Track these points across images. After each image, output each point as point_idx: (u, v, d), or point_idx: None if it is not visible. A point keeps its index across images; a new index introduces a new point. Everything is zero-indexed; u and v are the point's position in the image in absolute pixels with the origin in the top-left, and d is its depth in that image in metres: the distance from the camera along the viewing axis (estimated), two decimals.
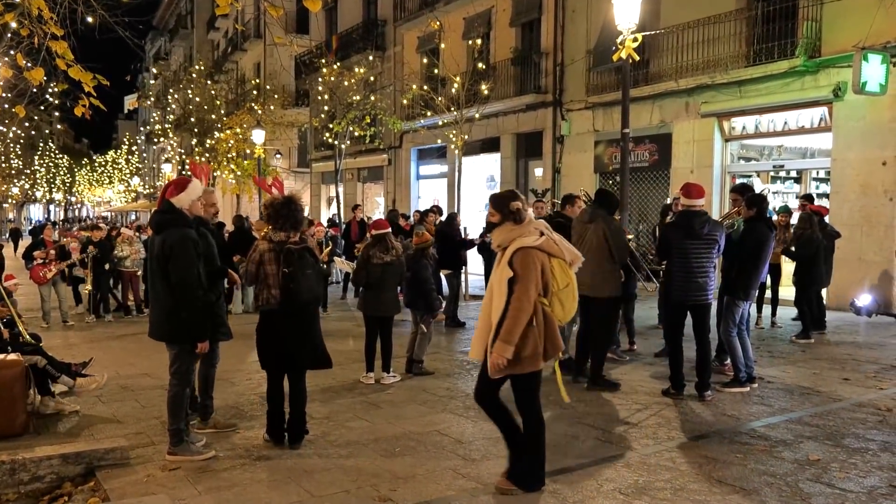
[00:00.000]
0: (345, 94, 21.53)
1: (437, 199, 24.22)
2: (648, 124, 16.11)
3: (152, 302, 5.27)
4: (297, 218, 5.49)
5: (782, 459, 5.13)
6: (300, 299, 5.44)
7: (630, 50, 10.51)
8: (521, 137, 20.29)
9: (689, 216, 6.72)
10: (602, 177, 17.85)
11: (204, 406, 5.95)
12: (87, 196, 74.71)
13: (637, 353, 8.95)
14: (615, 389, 7.07)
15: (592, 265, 7.07)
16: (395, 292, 7.68)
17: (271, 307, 5.48)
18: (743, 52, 14.07)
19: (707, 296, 6.77)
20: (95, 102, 6.15)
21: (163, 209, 5.23)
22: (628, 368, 8.14)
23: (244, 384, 7.53)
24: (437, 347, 9.45)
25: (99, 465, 4.97)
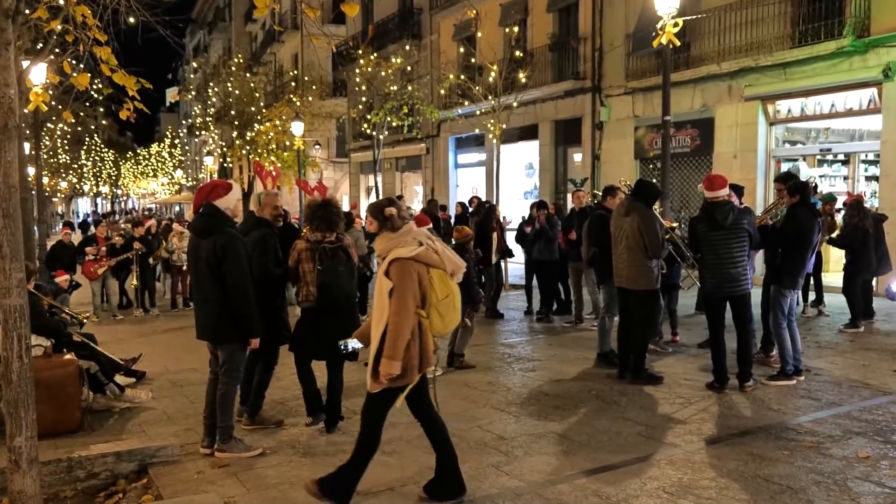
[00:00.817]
0: (382, 84, 21.58)
1: (476, 189, 24.22)
2: (690, 109, 15.83)
3: (200, 303, 5.37)
4: (332, 220, 5.75)
5: (830, 457, 5.05)
6: (334, 295, 5.76)
7: (671, 35, 10.35)
8: (559, 124, 20.12)
9: (711, 207, 6.65)
10: (642, 163, 17.62)
11: (254, 405, 6.09)
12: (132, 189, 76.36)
13: (680, 345, 8.88)
14: (658, 383, 7.02)
15: (628, 258, 7.08)
16: None
17: (310, 303, 5.79)
18: (788, 33, 13.72)
19: (742, 286, 6.67)
20: (139, 106, 6.29)
21: (207, 212, 5.32)
22: (672, 361, 8.08)
23: (289, 379, 7.62)
24: (477, 340, 9.43)
25: (151, 463, 5.13)
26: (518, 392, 6.98)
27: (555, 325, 10.67)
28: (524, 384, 7.29)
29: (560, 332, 10.08)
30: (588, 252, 8.24)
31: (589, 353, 8.40)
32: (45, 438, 5.23)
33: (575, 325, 10.46)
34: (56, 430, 5.85)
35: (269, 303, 5.84)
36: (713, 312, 6.85)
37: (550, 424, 5.91)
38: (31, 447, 4.40)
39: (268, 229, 6.09)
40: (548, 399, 6.68)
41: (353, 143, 30.85)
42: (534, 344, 9.39)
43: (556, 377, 7.53)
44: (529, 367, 8.02)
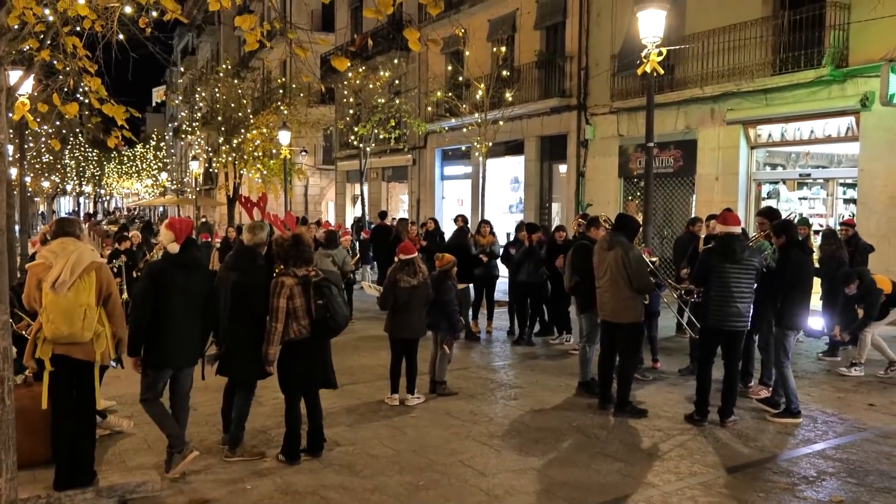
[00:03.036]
0: (370, 96, 21.58)
1: (462, 201, 24.28)
2: (673, 130, 15.99)
3: (188, 330, 5.60)
4: (307, 256, 5.88)
5: (804, 500, 5.12)
6: (337, 326, 5.91)
7: (654, 64, 10.44)
8: (545, 140, 20.26)
9: (729, 240, 6.70)
10: (626, 181, 17.77)
11: (235, 437, 6.07)
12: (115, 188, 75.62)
13: (661, 372, 8.95)
14: (641, 417, 7.06)
15: (613, 291, 7.13)
16: (422, 314, 7.74)
17: (301, 337, 5.81)
18: (769, 60, 13.90)
19: (744, 322, 6.75)
20: (128, 135, 6.27)
21: (193, 248, 5.61)
22: (652, 390, 8.15)
23: (272, 404, 7.62)
24: (462, 363, 9.52)
25: (131, 498, 5.10)
26: (500, 423, 7.00)
27: (536, 348, 10.70)
28: (506, 414, 7.32)
29: (542, 357, 10.12)
30: (570, 281, 8.28)
31: (570, 380, 8.45)
32: (24, 469, 5.18)
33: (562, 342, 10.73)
34: (35, 460, 5.77)
35: (259, 336, 5.86)
36: (708, 345, 6.90)
37: (531, 460, 5.94)
38: (11, 489, 4.38)
39: (265, 263, 6.13)
40: (529, 432, 6.71)
41: (339, 152, 30.81)
42: (516, 369, 9.41)
43: (537, 406, 7.57)
44: (511, 395, 8.05)
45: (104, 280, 5.15)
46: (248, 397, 6.12)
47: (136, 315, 5.47)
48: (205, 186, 45.80)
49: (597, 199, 18.06)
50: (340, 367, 9.14)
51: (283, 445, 6.00)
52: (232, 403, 6.18)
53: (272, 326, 5.74)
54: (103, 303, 5.16)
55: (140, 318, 5.43)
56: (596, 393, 7.62)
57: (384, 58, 23.61)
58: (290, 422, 5.97)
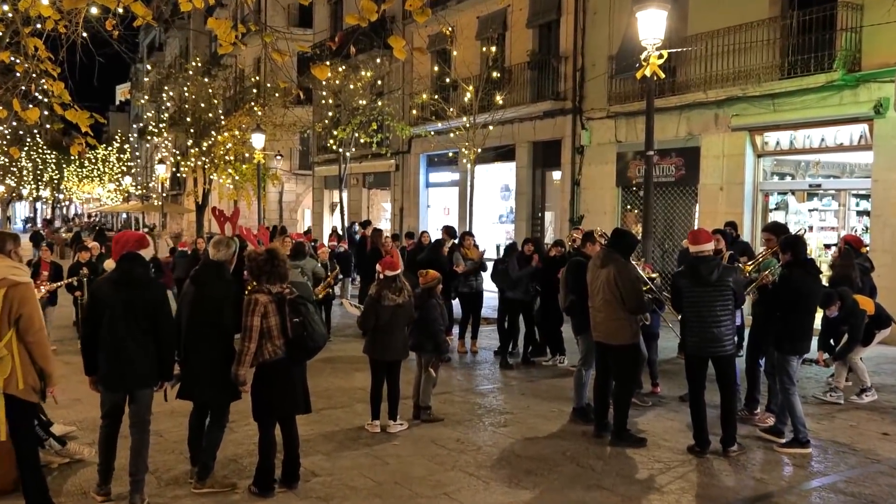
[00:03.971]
0: (350, 97, 21.63)
1: (448, 210, 24.33)
2: (675, 136, 16.13)
3: (125, 353, 5.64)
4: (282, 272, 5.90)
5: None
6: (315, 346, 5.97)
7: (655, 67, 10.55)
8: (538, 146, 20.36)
9: (696, 262, 6.80)
10: (625, 191, 17.88)
11: (205, 466, 6.04)
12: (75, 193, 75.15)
13: (661, 397, 9.00)
14: (641, 446, 7.09)
15: (605, 311, 7.18)
16: (405, 335, 7.75)
17: (276, 358, 5.82)
18: (777, 64, 14.07)
19: (726, 346, 6.81)
20: (92, 142, 6.28)
21: (137, 263, 5.77)
22: (651, 417, 8.19)
23: (243, 431, 7.59)
24: (447, 386, 9.52)
25: None
26: (488, 452, 7.02)
27: (527, 371, 10.74)
28: (495, 442, 7.33)
29: (534, 380, 10.15)
30: (565, 300, 8.33)
31: (564, 405, 8.48)
32: None
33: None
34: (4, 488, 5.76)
35: (225, 356, 5.87)
36: (694, 373, 6.97)
37: (522, 493, 5.96)
38: None
39: (233, 278, 6.16)
40: (520, 461, 6.73)
41: (317, 156, 30.83)
42: (506, 393, 9.43)
43: (529, 434, 7.59)
44: (501, 422, 8.06)
45: (14, 299, 5.06)
46: (220, 423, 6.09)
47: (82, 333, 5.90)
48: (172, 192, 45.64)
49: (593, 210, 18.17)
50: (316, 390, 9.17)
51: (256, 476, 5.98)
52: (198, 433, 6.17)
53: (244, 346, 5.74)
54: (15, 325, 5.08)
55: (83, 337, 5.82)
56: (592, 420, 7.64)
57: (366, 56, 23.68)
58: (263, 450, 5.97)
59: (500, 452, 7.01)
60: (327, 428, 7.74)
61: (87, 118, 5.93)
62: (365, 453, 6.96)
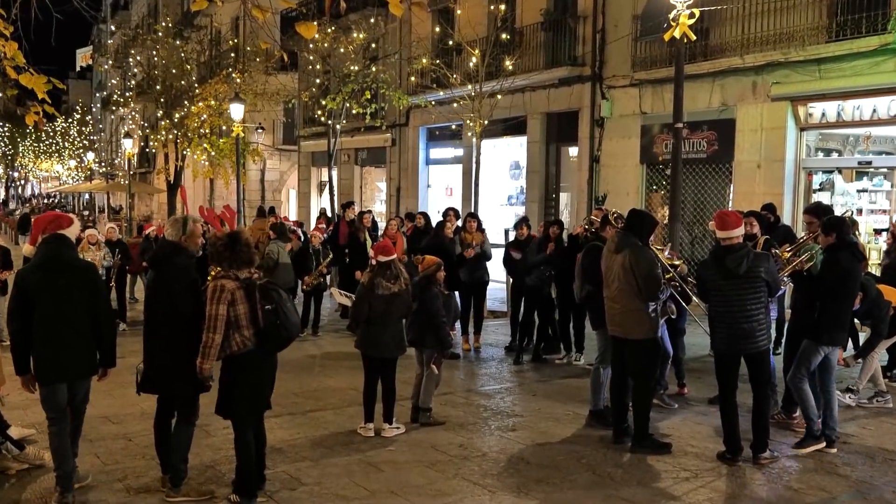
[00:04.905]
0: (340, 63, 21.61)
1: (451, 190, 24.35)
2: (707, 107, 16.10)
3: (70, 339, 5.93)
4: (246, 257, 5.98)
5: None
6: (288, 336, 6.05)
7: (685, 28, 10.59)
8: (552, 118, 20.33)
9: (721, 252, 6.84)
10: (650, 169, 17.87)
11: (177, 471, 6.12)
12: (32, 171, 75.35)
13: (688, 399, 9.06)
14: (665, 452, 7.15)
15: (622, 302, 7.24)
16: (401, 328, 7.81)
17: (245, 350, 5.91)
18: (823, 25, 14.03)
19: (757, 343, 6.87)
20: (49, 110, 6.33)
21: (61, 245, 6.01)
22: (677, 421, 8.25)
23: (221, 434, 7.66)
24: (449, 386, 9.59)
25: None
26: (495, 458, 7.09)
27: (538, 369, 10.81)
28: (502, 448, 7.40)
29: (546, 380, 10.22)
30: (581, 290, 8.37)
31: (579, 408, 8.55)
32: None
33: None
34: None
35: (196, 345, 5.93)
36: (724, 372, 7.02)
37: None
38: None
39: (191, 261, 6.27)
40: (529, 469, 6.80)
41: (303, 129, 30.82)
42: (514, 394, 9.50)
43: (540, 439, 7.65)
44: (509, 426, 8.13)
45: None
46: (188, 420, 6.17)
47: (10, 327, 5.99)
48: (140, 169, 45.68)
49: (614, 190, 18.17)
50: (303, 391, 9.31)
51: (236, 482, 6.06)
52: (165, 435, 6.26)
53: (209, 337, 5.80)
54: None
55: (12, 330, 5.94)
56: (609, 423, 7.69)
57: (358, 16, 23.63)
58: (242, 453, 6.03)
59: (508, 459, 7.07)
60: (315, 432, 7.81)
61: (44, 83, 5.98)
62: (357, 460, 7.03)
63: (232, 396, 6.00)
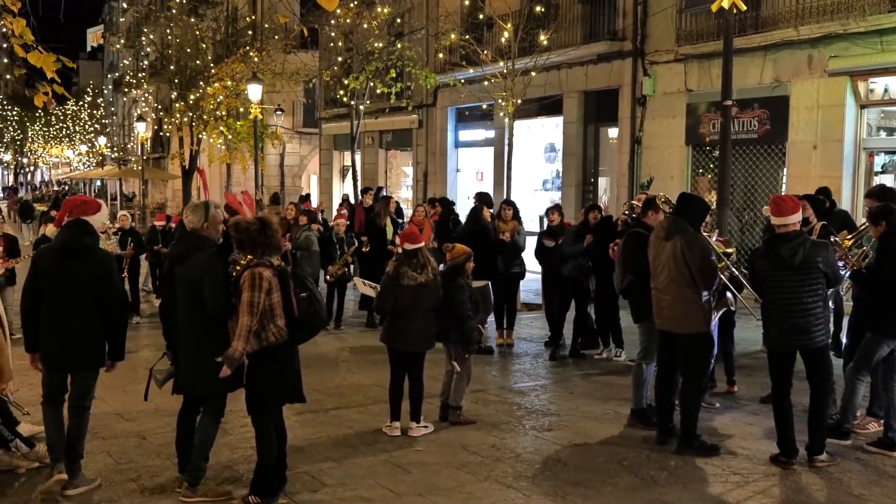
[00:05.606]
0: (364, 39, 21.60)
1: (482, 174, 24.30)
2: (758, 83, 15.91)
3: (64, 328, 6.12)
4: (276, 243, 6.13)
5: None
6: (321, 323, 6.43)
7: None
8: (590, 97, 20.19)
9: (776, 241, 6.77)
10: (696, 150, 17.71)
11: (196, 468, 6.15)
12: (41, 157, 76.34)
13: (738, 397, 8.98)
14: (713, 454, 7.09)
15: (672, 294, 7.18)
16: (429, 321, 7.78)
17: (282, 340, 6.00)
18: None
19: (814, 338, 6.79)
20: (59, 90, 6.38)
21: (83, 230, 6.17)
22: (727, 420, 8.17)
23: (239, 433, 7.72)
24: (479, 383, 9.57)
25: None
26: (529, 460, 7.07)
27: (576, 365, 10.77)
28: (537, 449, 7.38)
29: (584, 376, 10.17)
30: (622, 280, 8.30)
31: (621, 406, 8.51)
32: None
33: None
34: None
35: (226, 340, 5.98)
36: (777, 369, 6.94)
37: None
38: None
39: (214, 250, 6.27)
40: (566, 471, 6.77)
41: (325, 111, 30.89)
42: (550, 391, 9.48)
43: (577, 440, 7.62)
44: (545, 425, 8.11)
45: None
46: (215, 418, 6.25)
47: (22, 305, 6.31)
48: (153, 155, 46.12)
49: (657, 173, 18.03)
50: (325, 387, 9.34)
51: (254, 481, 6.09)
52: (188, 433, 6.30)
53: (246, 320, 5.81)
54: None
55: (23, 308, 6.27)
56: (653, 423, 7.65)
57: None
58: (263, 449, 6.08)
59: (544, 461, 7.04)
60: (338, 430, 7.84)
61: (53, 61, 6.02)
62: (382, 460, 7.04)
63: (258, 390, 6.06)
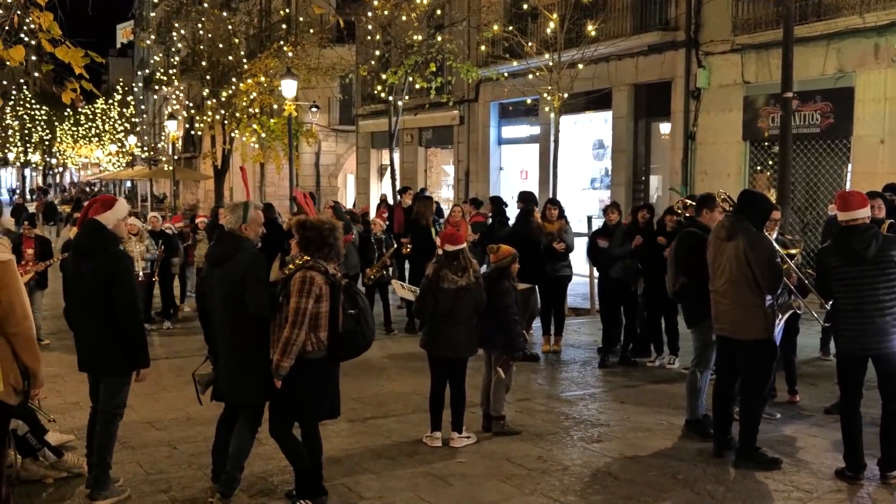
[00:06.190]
0: (402, 32, 21.65)
1: (526, 173, 24.26)
2: (821, 75, 15.74)
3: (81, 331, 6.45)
4: (339, 250, 6.15)
5: None
6: (365, 345, 6.27)
7: None
8: (640, 90, 20.11)
9: (846, 234, 6.66)
10: (753, 146, 17.56)
11: (230, 478, 6.21)
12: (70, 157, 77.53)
13: (801, 408, 8.87)
14: (774, 468, 7.01)
15: (732, 297, 7.11)
16: (470, 326, 7.77)
17: (318, 354, 6.02)
18: None
19: (891, 342, 6.66)
20: (87, 87, 6.46)
21: (91, 230, 6.28)
22: (789, 432, 8.07)
23: (272, 443, 7.67)
24: (523, 391, 9.59)
25: None
26: (577, 473, 7.03)
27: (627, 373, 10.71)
28: (586, 461, 7.34)
29: (636, 385, 10.11)
30: (674, 283, 8.23)
31: (674, 417, 8.45)
32: None
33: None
34: None
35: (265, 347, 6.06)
36: (849, 376, 6.83)
37: None
38: None
39: (254, 251, 6.32)
40: (617, 486, 6.73)
41: (362, 108, 31.06)
42: (600, 401, 9.43)
43: (629, 452, 7.57)
44: (594, 436, 8.07)
45: None
46: (252, 427, 6.30)
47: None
48: (184, 154, 46.64)
49: (712, 171, 17.88)
50: (363, 395, 9.37)
51: (298, 486, 6.22)
52: (226, 438, 6.35)
53: (293, 333, 5.85)
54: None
55: (64, 312, 6.64)
56: (710, 435, 7.58)
57: None
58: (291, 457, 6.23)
59: (593, 474, 7.01)
60: (377, 441, 7.86)
61: (81, 56, 6.10)
62: (423, 472, 7.04)
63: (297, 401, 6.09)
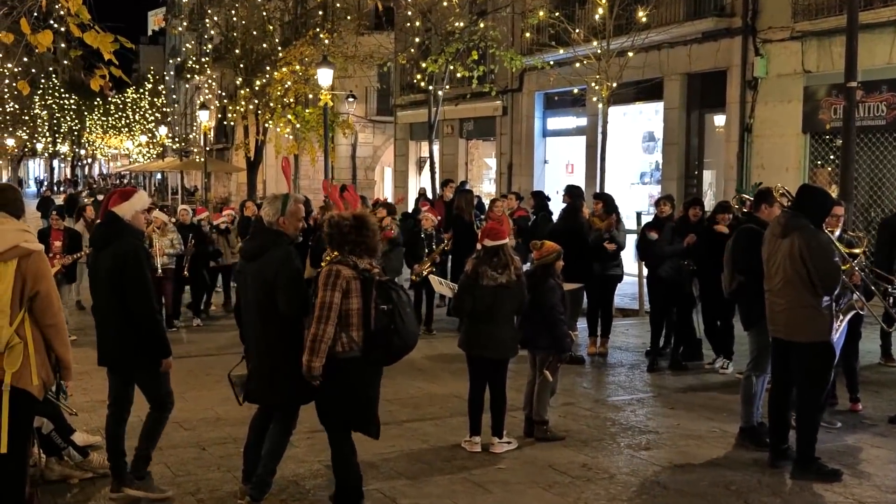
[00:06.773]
0: (443, 18, 21.66)
1: (572, 166, 24.15)
2: (887, 63, 15.53)
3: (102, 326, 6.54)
4: (372, 244, 6.08)
5: None
6: (403, 346, 6.08)
7: None
8: (694, 80, 19.95)
9: None
10: (815, 139, 17.36)
11: (262, 481, 6.22)
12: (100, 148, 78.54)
13: (863, 417, 8.77)
14: (833, 480, 6.93)
15: (787, 297, 7.06)
16: (511, 325, 7.78)
17: (348, 354, 5.96)
18: None
19: None
20: (117, 73, 6.52)
21: (106, 221, 6.43)
22: (850, 442, 7.99)
23: (305, 444, 7.78)
24: (571, 395, 9.56)
25: None
26: (624, 481, 7.00)
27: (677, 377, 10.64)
28: (633, 469, 7.31)
29: (687, 390, 10.05)
30: (731, 282, 8.15)
31: (728, 424, 8.38)
32: None
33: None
34: None
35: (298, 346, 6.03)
36: None
37: None
38: None
39: (291, 247, 6.33)
40: (666, 495, 6.70)
41: (400, 98, 31.12)
42: (648, 406, 9.40)
43: (679, 460, 7.52)
44: (641, 443, 8.03)
45: (29, 273, 5.17)
46: (285, 429, 6.32)
47: None
48: (216, 145, 47.04)
49: (770, 165, 17.71)
50: (399, 397, 9.37)
51: (337, 496, 6.17)
52: (259, 440, 6.39)
53: (319, 329, 5.82)
54: (29, 304, 5.20)
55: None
56: (765, 443, 7.52)
57: None
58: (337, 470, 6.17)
59: (641, 483, 6.98)
60: (413, 445, 7.86)
61: (110, 42, 6.15)
62: (461, 478, 7.03)
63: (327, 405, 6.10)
